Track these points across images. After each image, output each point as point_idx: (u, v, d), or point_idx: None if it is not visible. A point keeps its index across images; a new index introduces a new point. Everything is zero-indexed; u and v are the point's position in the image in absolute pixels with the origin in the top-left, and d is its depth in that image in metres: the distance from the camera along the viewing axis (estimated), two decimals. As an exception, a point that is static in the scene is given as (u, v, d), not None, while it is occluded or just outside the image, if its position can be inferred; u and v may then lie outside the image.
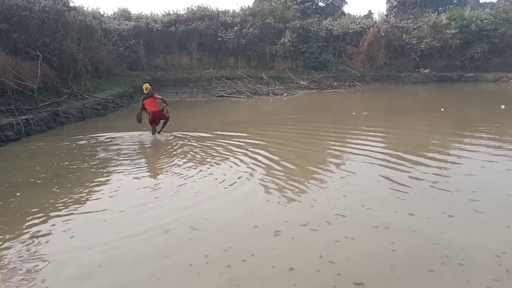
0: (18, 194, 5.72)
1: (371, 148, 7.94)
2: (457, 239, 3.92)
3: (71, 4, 17.78)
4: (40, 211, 5.01)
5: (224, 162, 7.17)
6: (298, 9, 26.66)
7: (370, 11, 41.15)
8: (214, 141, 8.94)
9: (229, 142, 8.78)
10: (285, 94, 20.63)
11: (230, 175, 6.40)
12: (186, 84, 22.31)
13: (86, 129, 11.37)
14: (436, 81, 25.02)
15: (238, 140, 8.92)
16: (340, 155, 7.67)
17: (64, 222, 4.66)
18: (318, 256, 3.68)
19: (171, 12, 24.84)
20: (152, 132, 9.92)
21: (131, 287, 3.35)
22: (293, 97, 20.14)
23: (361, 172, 6.35)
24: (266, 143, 8.63)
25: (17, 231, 4.44)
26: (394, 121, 11.95)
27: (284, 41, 23.95)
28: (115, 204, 5.27)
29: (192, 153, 7.91)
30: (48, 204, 5.25)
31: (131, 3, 52.81)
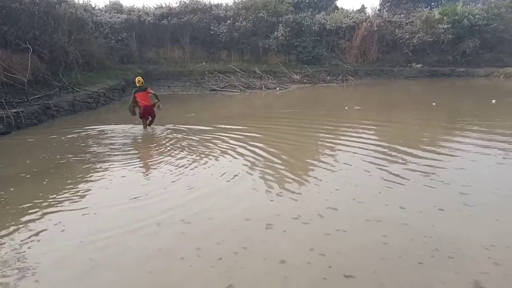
0: (9, 188, 5.67)
1: (363, 142, 7.97)
2: (447, 233, 3.96)
3: (62, -4, 17.55)
4: (31, 205, 4.97)
5: (216, 155, 7.16)
6: (291, 3, 26.58)
7: (363, 5, 41.06)
8: (207, 134, 8.93)
9: (221, 135, 8.77)
10: (278, 88, 20.63)
11: (222, 168, 6.40)
12: (178, 78, 22.22)
13: (77, 122, 11.29)
14: (428, 76, 25.15)
15: (231, 134, 8.91)
16: (332, 149, 7.69)
17: (55, 216, 4.63)
18: (309, 248, 3.70)
19: (163, 5, 24.72)
20: (143, 125, 9.87)
21: (123, 280, 3.34)
22: (286, 91, 20.14)
23: (353, 166, 6.38)
24: (258, 137, 8.63)
25: (7, 225, 4.40)
26: (386, 115, 12.01)
27: (277, 35, 23.90)
28: (107, 198, 5.25)
29: (184, 146, 7.89)
30: (39, 198, 5.21)
31: (123, -4, 52.18)
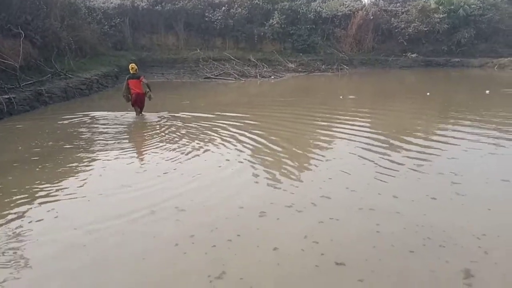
0: (1, 174, 5.63)
1: (357, 131, 8.01)
2: (439, 222, 4.00)
3: (54, -19, 17.24)
4: (24, 192, 4.95)
5: (210, 143, 7.15)
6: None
7: (359, -7, 40.81)
8: (200, 122, 8.91)
9: (215, 123, 8.75)
10: (272, 77, 20.57)
11: (216, 156, 6.41)
12: (172, 65, 22.03)
13: (70, 109, 11.19)
14: (423, 65, 25.21)
15: (225, 122, 8.89)
16: (326, 137, 7.71)
17: (48, 204, 4.61)
18: (302, 236, 3.73)
19: (157, -10, 24.32)
20: (136, 113, 9.82)
21: (117, 267, 3.35)
22: (280, 79, 20.09)
23: (346, 155, 6.41)
24: (252, 125, 8.62)
25: (0, 212, 4.38)
26: (381, 104, 12.04)
27: (272, 22, 23.72)
28: (100, 185, 5.24)
29: (178, 134, 7.87)
30: (32, 185, 5.18)
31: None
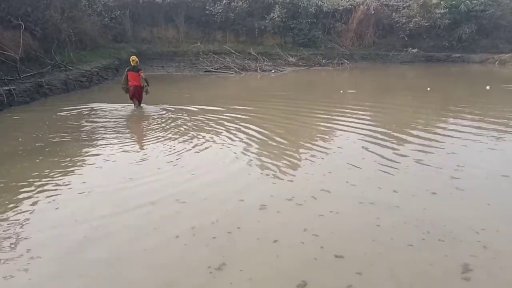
0: (2, 165, 5.64)
1: (357, 126, 8.02)
2: (439, 216, 4.02)
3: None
4: (25, 183, 4.95)
5: (210, 136, 7.16)
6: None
7: (360, -12, 40.63)
8: (201, 115, 8.91)
9: (215, 117, 8.75)
10: (273, 71, 20.53)
11: (216, 149, 6.42)
12: (172, 58, 21.96)
13: (70, 101, 11.17)
14: (424, 61, 25.16)
15: (225, 115, 8.89)
16: (326, 132, 7.72)
17: (49, 194, 4.63)
18: (302, 229, 3.75)
19: (158, -17, 24.18)
20: (134, 105, 9.83)
21: (118, 257, 3.37)
22: (281, 73, 20.06)
23: (346, 149, 6.42)
24: (253, 119, 8.62)
25: (1, 202, 4.39)
26: (381, 99, 12.04)
27: (273, 16, 23.62)
28: (101, 177, 5.25)
29: (177, 127, 7.87)
30: (33, 176, 5.19)
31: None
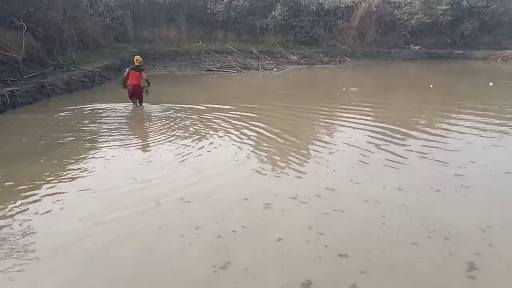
0: (6, 165, 5.66)
1: (360, 123, 8.01)
2: (444, 214, 4.02)
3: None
4: (29, 184, 4.96)
5: (213, 135, 7.16)
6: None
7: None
8: (203, 114, 8.91)
9: (218, 115, 8.76)
10: (275, 69, 20.50)
11: (220, 148, 6.43)
12: (174, 58, 21.93)
13: (72, 101, 11.18)
14: (426, 58, 25.08)
15: (228, 114, 8.89)
16: (329, 129, 7.72)
17: (53, 194, 4.64)
18: (307, 227, 3.75)
19: (159, -18, 24.16)
20: (133, 104, 9.88)
21: (123, 258, 3.38)
22: (283, 72, 20.03)
23: (349, 147, 6.41)
24: (256, 117, 8.61)
25: (7, 203, 4.40)
26: (383, 97, 12.00)
27: (274, 14, 23.56)
28: (104, 177, 5.26)
29: (180, 126, 7.87)
30: (37, 177, 5.20)
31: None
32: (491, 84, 13.32)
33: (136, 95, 9.77)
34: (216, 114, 8.94)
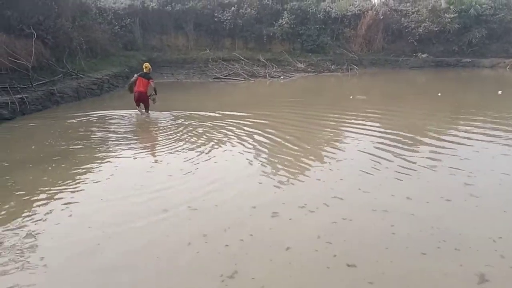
0: (15, 172, 5.70)
1: (368, 131, 7.97)
2: (454, 224, 3.97)
3: (65, -19, 17.40)
4: (38, 190, 5.00)
5: (220, 143, 7.16)
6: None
7: (369, -7, 40.54)
8: (211, 122, 8.93)
9: (225, 123, 8.77)
10: (282, 77, 20.54)
11: (227, 156, 6.43)
12: (182, 65, 22.07)
13: (81, 108, 11.28)
14: (434, 66, 24.97)
15: (235, 122, 8.90)
16: (336, 137, 7.69)
17: (62, 202, 4.66)
18: (315, 236, 3.72)
19: (167, -9, 24.41)
20: (139, 111, 9.97)
21: (130, 265, 3.38)
22: (290, 80, 20.06)
23: (357, 155, 6.37)
24: (263, 125, 8.61)
25: (15, 209, 4.44)
26: (391, 105, 11.95)
27: (281, 22, 23.64)
28: (113, 184, 5.28)
29: (188, 133, 7.89)
30: (46, 184, 5.24)
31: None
32: (500, 92, 13.21)
33: (142, 102, 9.84)
34: (223, 121, 8.97)
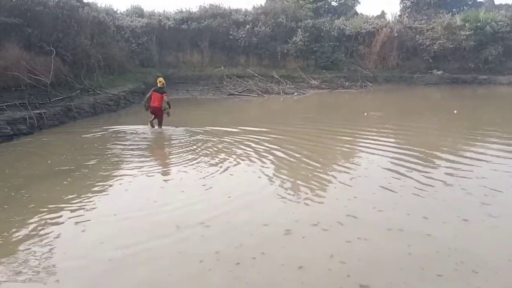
0: (30, 186, 5.77)
1: (382, 149, 7.88)
2: (472, 244, 3.87)
3: (85, 0, 17.96)
4: (52, 205, 5.05)
5: (234, 159, 7.16)
6: (311, 8, 26.58)
7: (383, 11, 40.52)
8: (225, 137, 8.96)
9: (239, 139, 8.78)
10: (296, 94, 20.59)
11: (240, 172, 6.42)
12: (197, 82, 22.34)
13: (98, 124, 11.45)
14: (449, 83, 24.75)
15: (248, 138, 8.91)
16: (351, 154, 7.63)
17: (76, 216, 4.69)
18: (329, 255, 3.66)
19: (184, 10, 24.90)
20: (153, 126, 10.09)
21: (142, 281, 3.36)
22: (304, 96, 20.10)
23: (371, 173, 6.30)
24: (277, 141, 8.60)
25: (29, 223, 4.48)
26: (406, 122, 11.85)
27: (295, 40, 23.87)
28: (127, 200, 5.31)
29: (201, 149, 7.92)
30: (60, 198, 5.30)
31: (144, 0, 53.08)
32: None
33: (156, 117, 9.95)
34: (237, 137, 8.99)
